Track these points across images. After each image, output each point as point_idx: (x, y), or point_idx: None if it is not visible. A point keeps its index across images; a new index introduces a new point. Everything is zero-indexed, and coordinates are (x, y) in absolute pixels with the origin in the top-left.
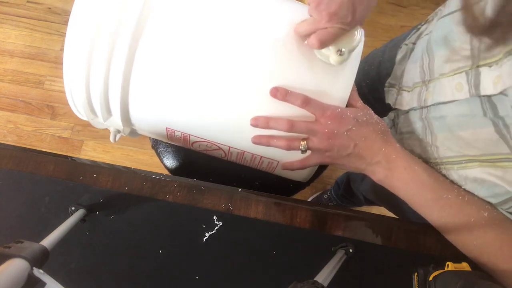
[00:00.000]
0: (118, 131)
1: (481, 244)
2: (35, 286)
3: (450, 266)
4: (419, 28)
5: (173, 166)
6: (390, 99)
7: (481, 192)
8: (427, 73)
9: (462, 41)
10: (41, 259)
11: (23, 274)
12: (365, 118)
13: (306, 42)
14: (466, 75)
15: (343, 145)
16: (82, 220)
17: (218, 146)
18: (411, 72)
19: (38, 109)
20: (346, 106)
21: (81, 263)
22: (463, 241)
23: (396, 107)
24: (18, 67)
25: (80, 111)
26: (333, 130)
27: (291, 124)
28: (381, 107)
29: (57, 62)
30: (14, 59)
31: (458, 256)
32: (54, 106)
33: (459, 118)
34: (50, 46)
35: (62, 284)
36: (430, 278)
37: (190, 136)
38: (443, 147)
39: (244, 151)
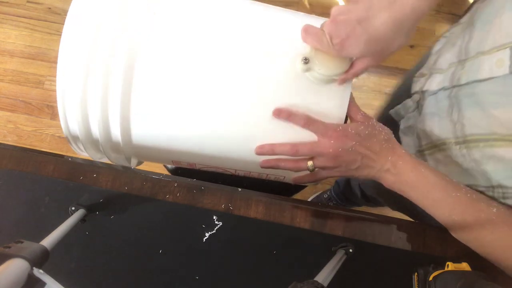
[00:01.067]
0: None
1: (494, 239)
2: (35, 286)
3: (450, 266)
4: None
5: (174, 167)
6: (417, 87)
7: (502, 173)
8: (463, 52)
9: (510, 17)
10: (41, 259)
11: (23, 274)
12: (367, 132)
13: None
14: (510, 51)
15: (350, 160)
16: (82, 220)
17: (225, 169)
18: (447, 55)
19: (38, 109)
20: (347, 120)
21: (81, 263)
22: (476, 238)
23: (425, 89)
24: (18, 67)
25: (85, 153)
26: (338, 149)
27: (295, 150)
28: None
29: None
30: (14, 59)
31: (458, 256)
32: (54, 106)
33: (493, 96)
34: (50, 46)
35: (62, 284)
36: (430, 278)
37: (196, 164)
38: (471, 124)
39: (250, 172)
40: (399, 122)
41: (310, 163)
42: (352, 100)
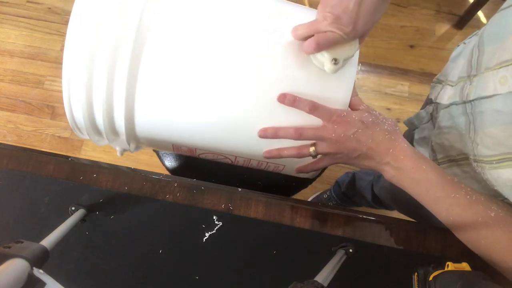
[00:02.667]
0: (124, 150)
1: (489, 243)
2: (35, 286)
3: (450, 266)
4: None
5: (173, 166)
6: (433, 94)
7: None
8: (474, 67)
9: None
10: (41, 259)
11: (23, 274)
12: (370, 119)
13: (302, 45)
14: None
15: (351, 148)
16: (82, 220)
17: (224, 156)
18: (459, 67)
19: (38, 109)
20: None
21: (81, 263)
22: (471, 240)
23: (437, 101)
24: (18, 67)
25: (84, 134)
26: (340, 134)
27: (299, 133)
28: None
29: (57, 62)
30: (14, 59)
31: (458, 256)
32: (54, 106)
33: (494, 114)
34: (50, 46)
35: (62, 284)
36: (430, 278)
37: (196, 149)
38: (482, 144)
39: (250, 159)
40: (413, 132)
41: (312, 148)
42: (355, 93)
